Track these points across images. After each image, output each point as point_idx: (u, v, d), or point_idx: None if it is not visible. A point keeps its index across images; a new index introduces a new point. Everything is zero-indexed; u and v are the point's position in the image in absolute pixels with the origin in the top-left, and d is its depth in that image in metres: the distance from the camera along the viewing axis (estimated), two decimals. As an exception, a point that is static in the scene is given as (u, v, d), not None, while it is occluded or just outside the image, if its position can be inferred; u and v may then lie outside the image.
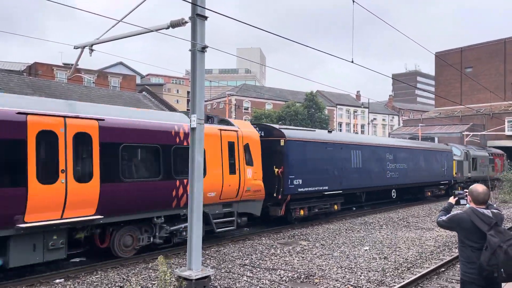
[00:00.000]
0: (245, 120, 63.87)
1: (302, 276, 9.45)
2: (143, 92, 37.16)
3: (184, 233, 11.43)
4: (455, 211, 4.78)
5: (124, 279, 9.12)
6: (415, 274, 9.66)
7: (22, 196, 8.37)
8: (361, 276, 9.56)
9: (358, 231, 15.59)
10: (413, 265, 10.64)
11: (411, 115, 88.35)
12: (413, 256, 11.63)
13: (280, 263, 10.63)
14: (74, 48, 10.29)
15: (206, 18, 8.28)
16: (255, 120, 54.29)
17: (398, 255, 11.65)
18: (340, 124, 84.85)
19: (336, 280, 9.18)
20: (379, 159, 20.44)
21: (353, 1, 11.03)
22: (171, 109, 35.16)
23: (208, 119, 12.69)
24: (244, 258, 11.11)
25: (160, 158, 10.88)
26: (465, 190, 4.85)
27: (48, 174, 8.84)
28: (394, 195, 22.65)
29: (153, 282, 8.81)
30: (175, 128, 11.30)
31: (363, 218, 19.05)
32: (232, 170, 12.83)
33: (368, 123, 73.95)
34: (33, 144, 8.63)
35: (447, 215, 4.75)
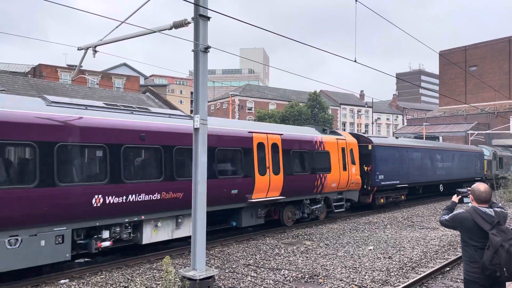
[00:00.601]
0: (248, 119, 63.89)
1: (306, 276, 9.45)
2: (147, 93, 37.26)
3: (317, 211, 16.80)
4: (458, 210, 4.76)
5: (128, 279, 9.15)
6: (420, 274, 9.63)
7: (252, 183, 13.36)
8: (365, 275, 9.54)
9: (362, 230, 15.57)
10: (418, 265, 10.61)
11: (415, 114, 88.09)
12: (418, 255, 11.59)
13: (284, 263, 10.63)
14: (78, 49, 10.34)
15: (208, 18, 8.29)
16: (258, 120, 54.27)
17: (403, 255, 11.61)
18: (344, 124, 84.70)
19: (341, 280, 9.16)
20: (431, 159, 25.02)
21: (356, 0, 11.01)
22: (174, 109, 35.21)
23: (324, 130, 18.06)
24: (248, 258, 11.11)
25: (308, 159, 15.99)
26: (468, 188, 4.83)
27: (263, 169, 13.82)
28: (441, 189, 27.17)
29: (157, 282, 8.83)
30: (314, 138, 16.59)
31: (367, 217, 19.01)
32: (344, 168, 17.80)
33: (372, 123, 73.76)
34: (255, 151, 13.64)
35: (450, 214, 4.73)
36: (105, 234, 9.78)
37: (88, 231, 9.71)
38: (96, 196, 9.37)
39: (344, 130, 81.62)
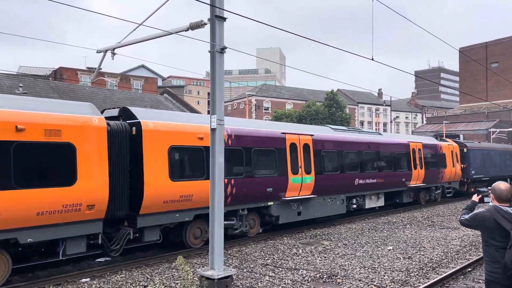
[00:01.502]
0: (265, 119, 63.83)
1: (325, 276, 9.40)
2: (165, 94, 37.65)
3: (436, 196, 23.50)
4: (479, 209, 4.67)
5: (148, 278, 9.27)
6: (441, 274, 9.48)
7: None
8: (384, 276, 9.44)
9: (381, 230, 15.40)
10: (439, 265, 10.44)
11: (435, 113, 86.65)
12: (438, 256, 11.41)
13: (302, 263, 10.60)
14: (97, 52, 10.51)
15: (225, 19, 8.33)
16: (275, 120, 54.19)
17: (423, 255, 11.45)
18: (361, 123, 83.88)
19: (359, 280, 9.09)
20: (504, 158, 31.54)
21: (373, -2, 10.91)
22: (192, 110, 35.49)
23: (438, 138, 25.36)
24: (266, 258, 11.12)
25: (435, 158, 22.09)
26: (488, 188, 4.74)
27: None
28: (508, 181, 34.18)
29: (176, 282, 8.92)
30: (437, 144, 21.80)
31: (386, 217, 18.80)
32: (453, 165, 24.34)
33: (391, 121, 72.82)
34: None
35: (470, 214, 4.64)
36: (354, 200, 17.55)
37: (351, 198, 17.57)
38: (356, 180, 17.40)
39: (362, 128, 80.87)
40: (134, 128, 10.53)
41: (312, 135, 15.51)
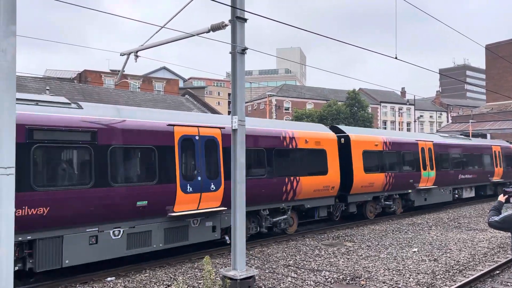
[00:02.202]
0: (285, 119, 63.63)
1: (348, 278, 9.30)
2: (186, 96, 38.00)
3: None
4: (508, 210, 4.53)
5: (171, 277, 9.37)
6: (468, 277, 9.24)
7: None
8: (409, 278, 9.27)
9: (405, 232, 15.13)
10: (465, 268, 10.19)
11: (460, 111, 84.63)
12: (465, 258, 11.13)
13: (324, 264, 10.51)
14: (121, 54, 10.69)
15: (245, 20, 8.35)
16: (296, 120, 53.95)
17: (449, 257, 11.19)
18: (384, 122, 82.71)
19: (384, 282, 8.95)
20: None
21: (396, -4, 10.74)
22: (213, 111, 35.70)
23: (507, 141, 28.11)
24: (288, 259, 11.08)
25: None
26: None
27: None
28: None
29: (199, 281, 8.98)
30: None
31: (410, 218, 18.47)
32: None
33: (415, 121, 71.51)
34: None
35: (500, 216, 4.51)
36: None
37: (454, 190, 22.46)
38: (459, 175, 22.14)
39: (385, 128, 79.75)
40: (342, 139, 16.13)
41: (433, 141, 20.61)
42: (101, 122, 9.36)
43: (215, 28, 8.52)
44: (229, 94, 75.11)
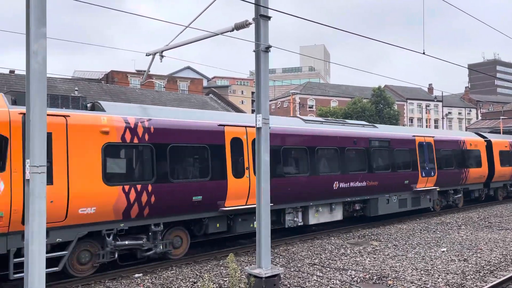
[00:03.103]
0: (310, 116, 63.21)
1: (374, 277, 9.17)
2: (210, 95, 38.28)
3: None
4: None
5: (197, 275, 9.47)
6: (499, 278, 8.96)
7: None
8: (438, 278, 9.06)
9: (434, 231, 14.80)
10: (497, 268, 9.88)
11: (490, 108, 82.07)
12: (497, 258, 10.79)
13: (350, 263, 10.40)
14: (146, 55, 10.86)
15: (269, 18, 8.33)
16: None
17: (480, 257, 10.88)
18: (411, 120, 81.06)
19: (412, 282, 8.78)
20: None
21: (423, -11, 10.49)
22: (237, 110, 35.84)
23: None
24: (313, 258, 11.02)
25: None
26: None
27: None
28: None
29: (225, 279, 9.04)
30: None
31: (439, 218, 18.06)
32: None
33: (442, 118, 69.67)
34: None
35: None
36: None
37: None
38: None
39: (412, 125, 78.19)
40: (486, 142, 21.76)
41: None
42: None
43: (239, 26, 8.53)
44: (252, 93, 75.25)
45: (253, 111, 50.49)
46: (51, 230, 8.27)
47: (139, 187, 9.37)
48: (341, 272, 9.64)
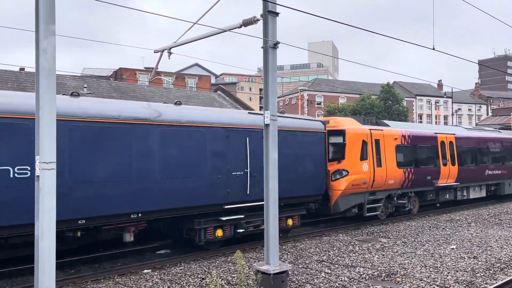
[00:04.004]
0: (317, 114, 63.07)
1: (383, 274, 9.13)
2: (218, 92, 38.29)
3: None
4: None
5: (205, 271, 9.50)
6: (510, 275, 8.87)
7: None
8: (448, 276, 9.00)
9: (443, 228, 14.69)
10: (507, 266, 9.78)
11: (501, 104, 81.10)
12: (507, 256, 10.68)
13: (359, 260, 10.37)
14: (154, 52, 10.85)
15: (277, 14, 8.28)
16: (328, 115, 53.35)
17: (490, 255, 10.77)
18: (420, 116, 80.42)
19: (421, 280, 8.73)
20: None
21: (433, -16, 10.38)
22: (245, 107, 35.81)
23: None
24: (321, 254, 11.00)
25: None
26: None
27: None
28: None
29: (233, 275, 9.06)
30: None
31: (448, 215, 17.92)
32: None
33: (452, 114, 69.01)
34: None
35: None
36: None
37: None
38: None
39: (421, 122, 77.60)
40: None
41: None
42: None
43: (247, 23, 8.49)
44: (260, 90, 75.10)
45: (261, 108, 50.47)
46: (378, 192, 15.38)
47: (408, 169, 16.32)
48: (349, 269, 9.62)
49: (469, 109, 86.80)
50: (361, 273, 9.23)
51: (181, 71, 60.88)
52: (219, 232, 11.05)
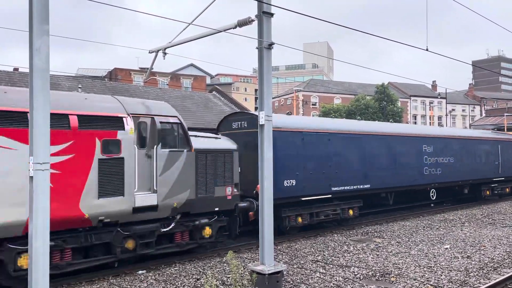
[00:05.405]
0: (313, 115, 63.16)
1: (378, 274, 9.17)
2: (213, 92, 38.25)
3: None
4: None
5: (200, 271, 9.49)
6: (503, 275, 8.94)
7: None
8: (441, 275, 9.05)
9: (437, 228, 14.78)
10: (500, 265, 9.86)
11: (495, 105, 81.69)
12: (500, 255, 10.77)
13: (353, 260, 10.41)
14: (149, 52, 10.85)
15: (272, 15, 8.30)
16: (323, 116, 53.45)
17: (483, 254, 10.85)
18: (414, 117, 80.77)
19: (414, 279, 8.78)
20: None
21: (426, -14, 10.45)
22: (240, 107, 35.78)
23: None
24: (316, 254, 11.03)
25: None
26: None
27: None
28: None
29: (228, 276, 9.06)
30: None
31: (442, 214, 18.02)
32: None
33: (446, 115, 69.42)
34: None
35: None
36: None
37: None
38: None
39: (415, 123, 77.95)
40: None
41: None
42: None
43: (242, 23, 8.51)
44: (255, 90, 75.16)
45: (256, 108, 50.43)
46: None
47: None
48: (344, 269, 9.65)
49: (463, 110, 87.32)
50: (356, 273, 9.26)
51: (176, 72, 60.73)
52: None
